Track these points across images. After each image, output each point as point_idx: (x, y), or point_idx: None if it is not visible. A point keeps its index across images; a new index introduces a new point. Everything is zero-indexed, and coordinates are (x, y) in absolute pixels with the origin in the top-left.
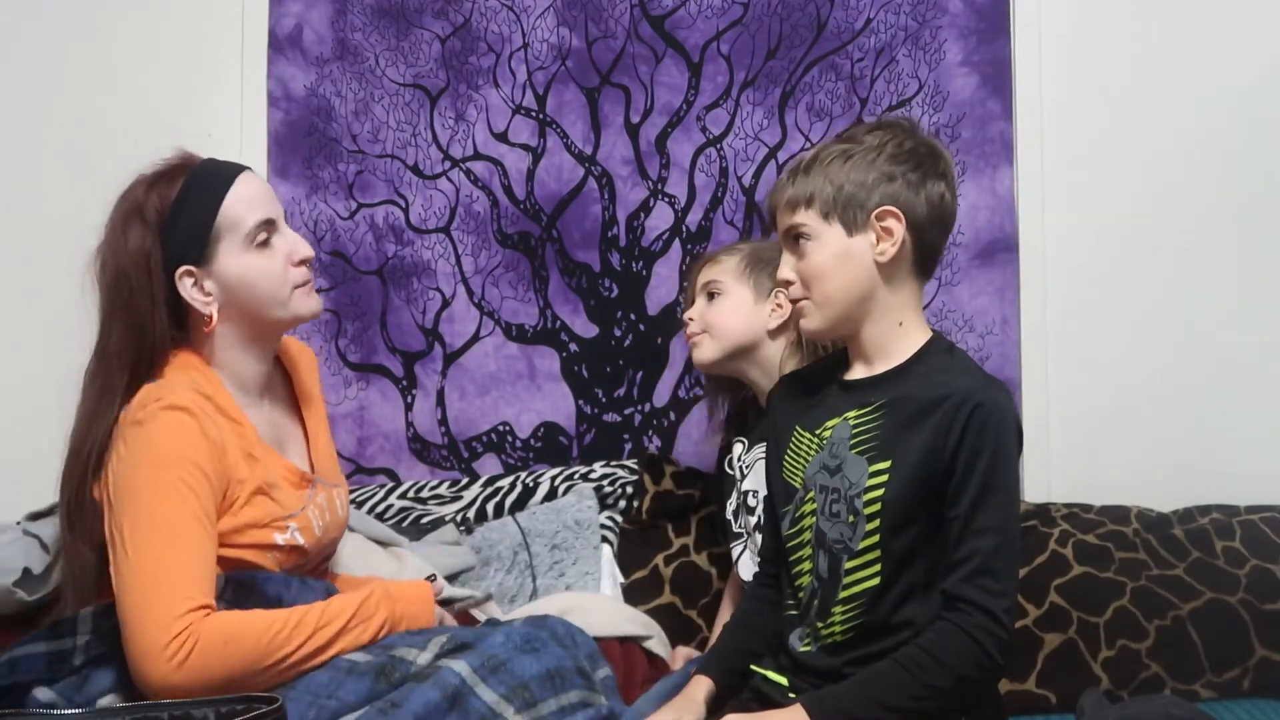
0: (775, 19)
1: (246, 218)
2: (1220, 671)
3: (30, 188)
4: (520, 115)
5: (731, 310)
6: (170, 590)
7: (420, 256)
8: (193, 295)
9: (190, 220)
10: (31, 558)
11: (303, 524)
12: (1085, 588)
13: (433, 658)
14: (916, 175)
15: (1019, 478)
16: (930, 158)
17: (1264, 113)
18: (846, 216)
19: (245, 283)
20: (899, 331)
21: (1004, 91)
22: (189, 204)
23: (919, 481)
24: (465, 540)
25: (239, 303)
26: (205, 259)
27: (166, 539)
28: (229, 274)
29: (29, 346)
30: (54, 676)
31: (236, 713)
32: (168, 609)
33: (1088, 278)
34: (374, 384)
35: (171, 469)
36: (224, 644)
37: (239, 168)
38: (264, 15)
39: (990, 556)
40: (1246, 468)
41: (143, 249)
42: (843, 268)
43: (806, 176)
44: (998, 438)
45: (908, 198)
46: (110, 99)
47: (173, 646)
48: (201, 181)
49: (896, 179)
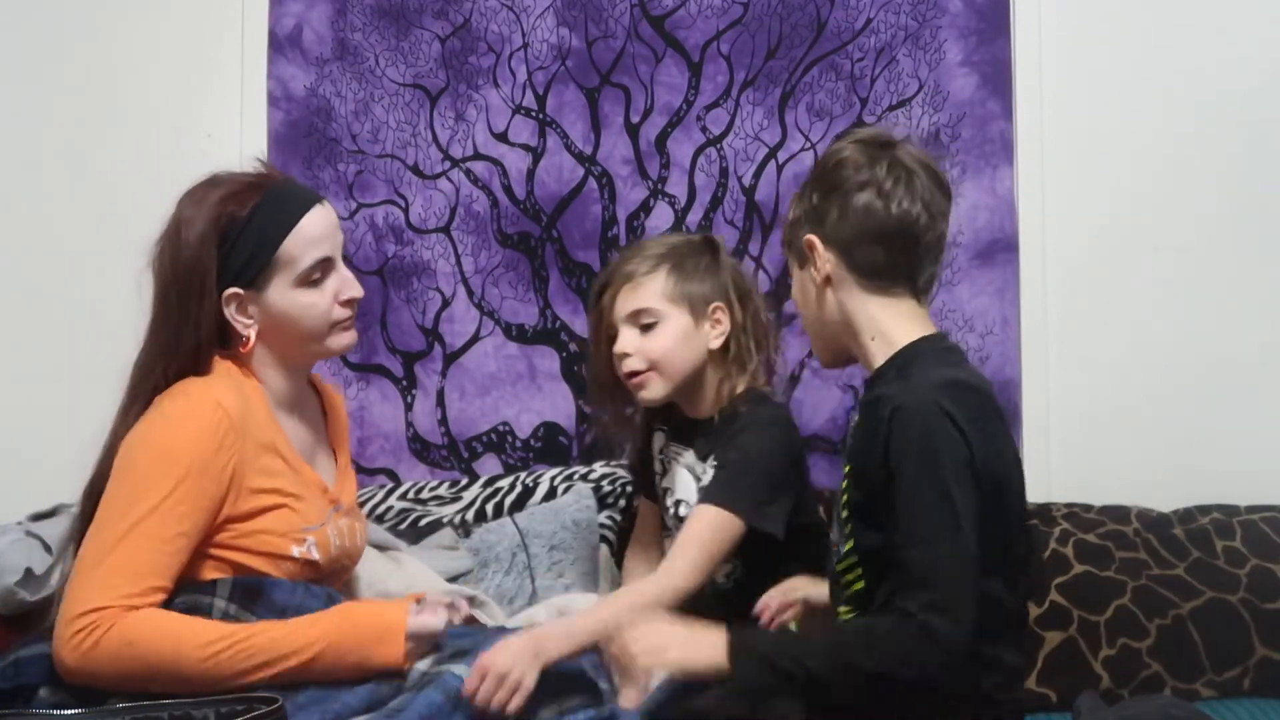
0: (775, 19)
1: (305, 256)
2: (1221, 671)
3: (30, 188)
4: (520, 115)
5: (675, 340)
6: (102, 578)
7: (420, 256)
8: (235, 317)
9: (252, 247)
10: (34, 558)
11: (320, 540)
12: (1086, 586)
13: (433, 662)
14: (826, 199)
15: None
16: (838, 170)
17: (1264, 113)
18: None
19: (289, 317)
20: (875, 345)
21: (1004, 91)
22: (254, 229)
23: (865, 486)
24: (462, 544)
25: (278, 332)
26: (257, 286)
27: (127, 526)
28: (275, 305)
29: (29, 347)
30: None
31: (237, 713)
32: (87, 596)
33: (1088, 278)
34: (374, 384)
35: (170, 461)
36: (126, 645)
37: (312, 199)
38: (264, 15)
39: (921, 567)
40: (1246, 468)
41: (200, 259)
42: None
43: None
44: (921, 442)
45: (823, 222)
46: (110, 99)
47: (77, 637)
48: (273, 209)
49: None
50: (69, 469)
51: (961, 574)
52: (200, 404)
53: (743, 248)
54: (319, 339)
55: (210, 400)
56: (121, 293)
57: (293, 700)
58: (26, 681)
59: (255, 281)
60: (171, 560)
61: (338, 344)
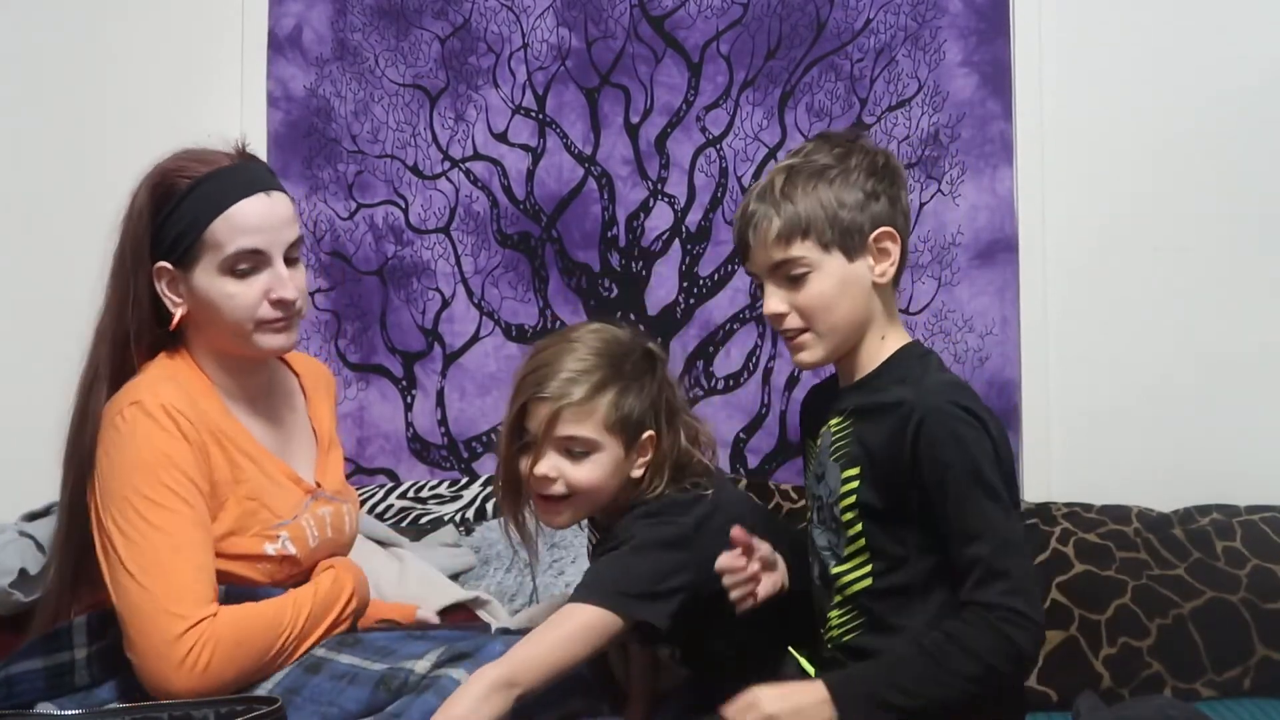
0: (775, 19)
1: (231, 243)
2: (1221, 670)
3: (30, 188)
4: (520, 115)
5: (603, 473)
6: (179, 601)
7: (420, 257)
8: (165, 293)
9: (183, 223)
10: (27, 558)
11: (295, 533)
12: (1086, 585)
13: (431, 666)
14: (893, 190)
15: (1004, 470)
16: (891, 170)
17: (1264, 113)
18: (846, 243)
19: (210, 304)
20: (880, 344)
21: (1004, 91)
22: (189, 205)
23: (884, 485)
24: (464, 541)
25: (205, 320)
26: (184, 265)
27: (166, 549)
28: (200, 289)
29: (27, 346)
30: (54, 694)
31: (237, 713)
32: (181, 620)
33: (1088, 278)
34: (374, 384)
35: (158, 477)
36: (237, 645)
37: (256, 187)
38: (264, 15)
39: (992, 559)
40: (1246, 468)
41: (138, 227)
42: (846, 295)
43: (793, 205)
44: (956, 446)
45: (891, 214)
46: (110, 99)
47: (191, 656)
48: (210, 188)
49: (880, 197)
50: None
51: (1023, 556)
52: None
53: None
54: (242, 336)
55: (157, 407)
56: None
57: (291, 701)
58: (21, 699)
59: (184, 260)
60: (212, 563)
61: (266, 344)
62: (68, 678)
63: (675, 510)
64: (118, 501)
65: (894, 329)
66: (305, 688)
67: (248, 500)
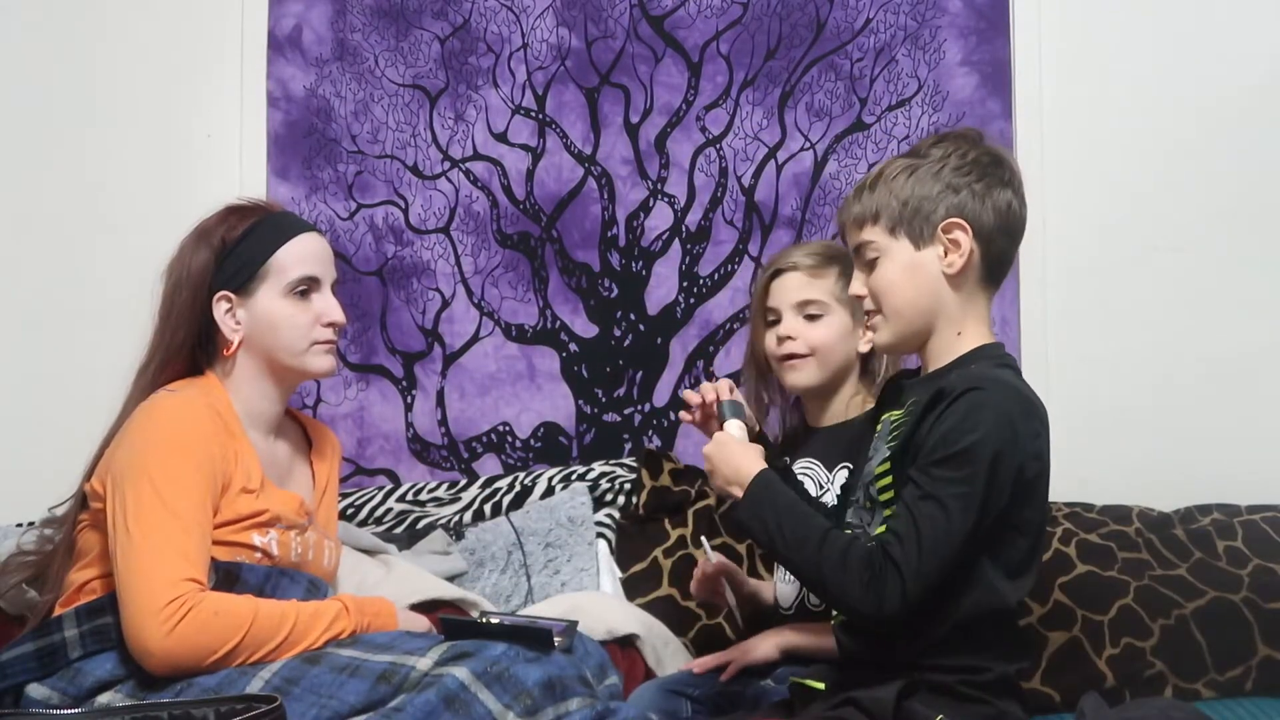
0: (775, 19)
1: (293, 269)
2: (1223, 670)
3: (30, 188)
4: (520, 115)
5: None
6: (173, 561)
7: (420, 257)
8: (224, 320)
9: (247, 254)
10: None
11: (282, 539)
12: (1089, 586)
13: (433, 664)
14: (981, 185)
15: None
16: (995, 166)
17: (1264, 113)
18: (913, 230)
19: (271, 324)
20: (956, 341)
21: (1004, 91)
22: (252, 240)
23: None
24: (455, 546)
25: (261, 340)
26: (246, 291)
27: (173, 516)
28: (260, 311)
29: (28, 348)
30: (46, 672)
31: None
32: (168, 575)
33: (1088, 278)
34: (374, 384)
35: (183, 450)
36: (214, 615)
37: (308, 226)
38: (263, 16)
39: (902, 524)
40: (1246, 468)
41: (204, 268)
42: (910, 281)
43: (872, 193)
44: (970, 415)
45: (974, 208)
46: (110, 99)
47: (168, 610)
48: (270, 225)
49: (961, 190)
50: (68, 471)
51: (928, 554)
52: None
53: (742, 247)
54: (297, 354)
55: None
56: (121, 293)
57: (290, 692)
58: (12, 682)
59: (246, 287)
60: (209, 547)
61: (316, 365)
62: (60, 655)
63: None
64: (140, 470)
65: (973, 327)
66: (304, 678)
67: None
